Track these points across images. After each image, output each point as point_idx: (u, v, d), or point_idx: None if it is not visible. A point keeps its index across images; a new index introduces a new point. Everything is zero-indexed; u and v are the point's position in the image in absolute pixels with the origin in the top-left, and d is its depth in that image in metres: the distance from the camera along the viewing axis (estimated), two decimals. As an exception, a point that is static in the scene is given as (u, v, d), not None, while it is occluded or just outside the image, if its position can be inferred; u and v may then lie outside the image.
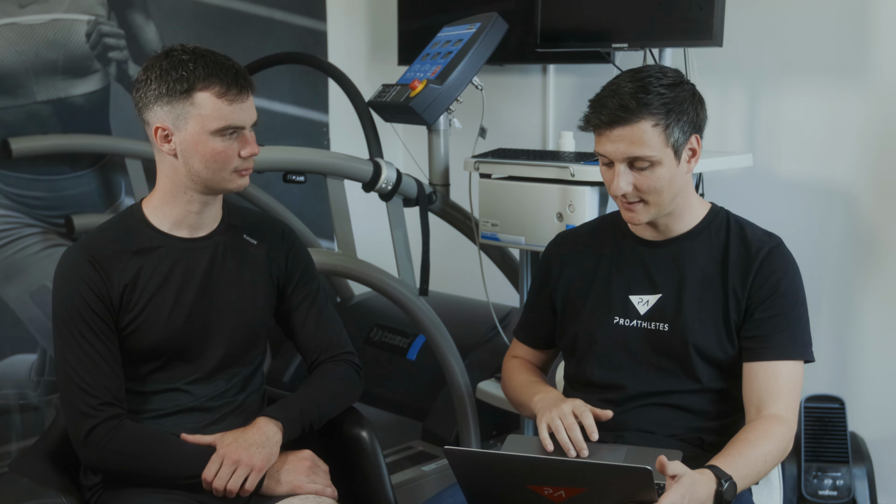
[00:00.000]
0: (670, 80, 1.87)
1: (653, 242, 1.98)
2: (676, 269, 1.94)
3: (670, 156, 1.85)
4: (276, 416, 1.94)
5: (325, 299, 2.10)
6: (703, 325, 1.90)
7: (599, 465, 1.65)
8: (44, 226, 3.22)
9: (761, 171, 3.00)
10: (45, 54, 3.16)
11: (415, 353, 3.32)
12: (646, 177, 1.85)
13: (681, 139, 1.85)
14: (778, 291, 1.88)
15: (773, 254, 1.91)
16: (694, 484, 1.66)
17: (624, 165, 1.86)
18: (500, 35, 2.73)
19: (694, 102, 1.88)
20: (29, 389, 3.21)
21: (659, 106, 1.83)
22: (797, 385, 1.88)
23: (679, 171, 1.88)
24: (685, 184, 1.92)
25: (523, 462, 1.71)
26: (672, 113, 1.83)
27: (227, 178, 1.89)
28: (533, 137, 3.64)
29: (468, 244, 2.98)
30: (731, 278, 1.91)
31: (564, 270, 2.06)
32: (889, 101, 2.78)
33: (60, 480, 1.93)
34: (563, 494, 1.65)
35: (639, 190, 1.87)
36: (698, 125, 1.90)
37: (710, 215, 1.97)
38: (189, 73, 1.83)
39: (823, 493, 2.66)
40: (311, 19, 3.81)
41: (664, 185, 1.86)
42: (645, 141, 1.83)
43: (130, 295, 1.89)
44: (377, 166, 2.72)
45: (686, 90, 1.88)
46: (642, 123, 1.82)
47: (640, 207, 1.89)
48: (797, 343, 1.88)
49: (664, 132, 1.83)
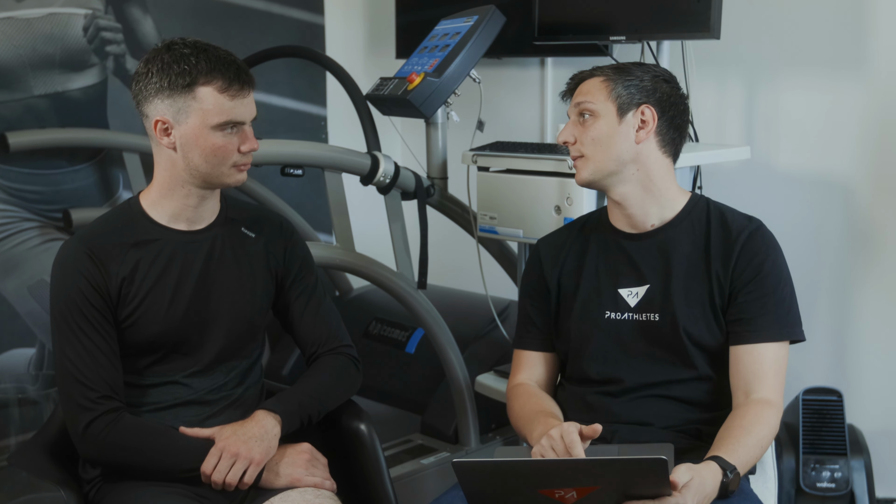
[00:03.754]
0: (649, 68, 1.97)
1: (635, 235, 1.99)
2: (661, 259, 1.96)
3: (611, 110, 1.93)
4: (274, 409, 1.94)
5: (323, 292, 2.10)
6: (691, 311, 1.92)
7: (615, 461, 1.65)
8: (42, 220, 3.22)
9: (759, 163, 3.00)
10: (42, 48, 3.16)
11: (413, 347, 3.33)
12: (587, 127, 1.94)
13: (624, 96, 1.92)
14: (761, 273, 1.90)
15: (754, 236, 1.93)
16: (703, 483, 1.69)
17: (574, 117, 1.98)
18: (498, 28, 2.73)
19: (658, 80, 1.95)
20: (27, 383, 3.21)
21: (617, 69, 1.96)
22: (783, 366, 1.90)
23: (621, 132, 1.93)
24: (642, 158, 1.94)
25: (536, 466, 1.69)
26: (621, 74, 1.94)
27: (225, 173, 1.89)
28: (531, 130, 3.64)
29: (466, 237, 2.98)
30: (713, 263, 1.92)
31: (554, 270, 2.07)
32: (887, 93, 2.78)
33: (59, 474, 1.93)
34: (575, 495, 1.65)
35: (580, 142, 1.95)
36: (656, 99, 1.94)
37: (689, 204, 2.00)
38: (191, 67, 1.83)
39: (821, 485, 2.67)
40: (308, 13, 3.80)
41: (601, 136, 1.93)
42: (590, 91, 1.95)
43: (128, 288, 1.89)
44: (375, 160, 2.72)
45: (660, 75, 1.97)
46: (594, 79, 1.97)
47: (580, 163, 1.97)
48: (783, 324, 1.90)
49: (608, 86, 1.93)
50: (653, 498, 1.64)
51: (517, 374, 2.11)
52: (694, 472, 1.69)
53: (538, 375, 2.10)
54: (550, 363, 2.11)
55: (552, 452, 1.77)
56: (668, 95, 1.95)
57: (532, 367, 2.10)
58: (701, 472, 1.70)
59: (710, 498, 1.72)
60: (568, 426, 1.79)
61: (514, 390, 2.08)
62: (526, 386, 2.08)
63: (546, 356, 2.10)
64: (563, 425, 1.80)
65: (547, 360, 2.10)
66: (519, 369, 2.11)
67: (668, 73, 2.00)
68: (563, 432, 1.77)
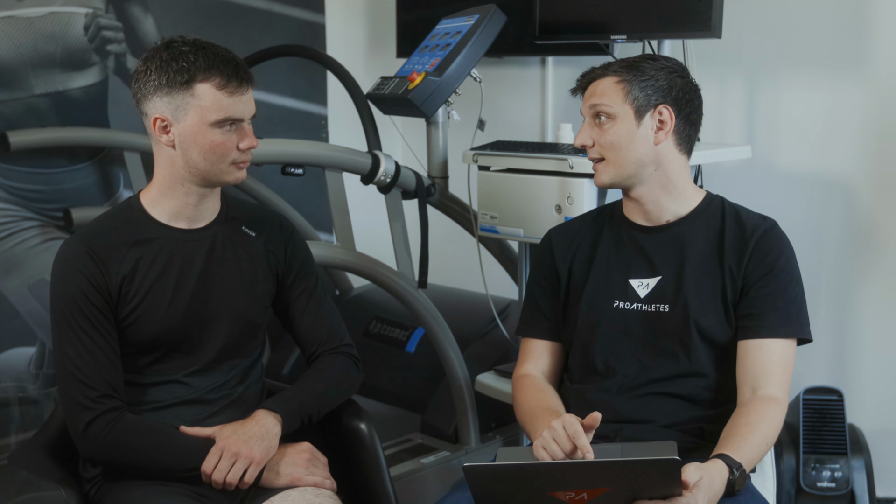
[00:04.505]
0: (664, 63, 1.96)
1: (649, 228, 2.00)
2: (675, 252, 1.96)
3: (629, 114, 1.92)
4: (275, 409, 1.94)
5: (323, 291, 2.10)
6: (702, 304, 1.92)
7: (628, 462, 1.64)
8: (42, 219, 3.22)
9: (760, 162, 3.00)
10: (43, 47, 3.16)
11: (414, 346, 3.33)
12: (604, 130, 1.93)
13: (640, 98, 1.91)
14: (773, 270, 1.91)
15: (769, 234, 1.94)
16: (712, 482, 1.69)
17: (589, 118, 1.96)
18: (499, 27, 2.73)
19: (673, 79, 1.94)
20: (28, 382, 3.21)
21: (630, 69, 1.94)
22: (790, 364, 1.90)
23: (640, 135, 1.92)
24: (660, 158, 1.94)
25: (548, 469, 1.68)
26: (637, 75, 1.93)
27: (224, 171, 1.89)
28: (531, 130, 3.64)
29: (467, 237, 2.97)
30: (727, 259, 1.93)
31: (565, 258, 2.07)
32: (887, 92, 2.78)
33: (60, 473, 1.93)
34: (586, 497, 1.64)
35: (599, 145, 1.94)
36: (673, 98, 1.93)
37: (705, 202, 2.01)
38: (190, 64, 1.83)
39: (822, 484, 2.67)
40: (309, 12, 3.80)
41: (620, 141, 1.92)
42: (606, 93, 1.94)
43: (129, 286, 1.89)
44: (376, 159, 2.72)
45: (674, 71, 1.96)
46: (608, 79, 1.95)
47: (600, 166, 1.97)
48: (792, 321, 1.90)
49: (624, 88, 1.92)
50: (663, 498, 1.64)
51: (524, 363, 2.11)
52: (703, 470, 1.69)
53: (544, 366, 2.10)
54: (557, 354, 2.11)
55: (554, 444, 1.76)
56: (683, 92, 1.95)
57: (539, 357, 2.10)
58: (709, 471, 1.71)
59: (719, 496, 1.72)
60: (570, 417, 1.78)
61: (521, 381, 2.08)
62: (532, 378, 2.07)
63: (553, 346, 2.10)
64: (565, 416, 1.79)
65: (553, 351, 2.10)
66: (526, 358, 2.11)
67: (680, 66, 1.99)
68: (566, 423, 1.76)
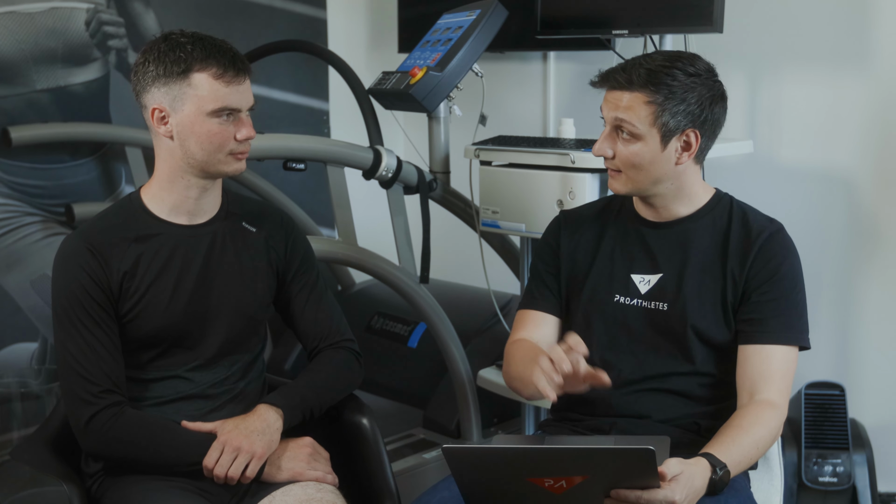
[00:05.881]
0: (694, 70, 1.87)
1: (656, 224, 1.98)
2: (679, 250, 1.95)
3: (655, 137, 1.86)
4: (276, 404, 1.94)
5: (324, 287, 2.10)
6: (701, 305, 1.91)
7: (602, 450, 1.65)
8: (44, 214, 3.22)
9: (762, 157, 2.99)
10: (44, 42, 3.16)
11: (416, 341, 3.33)
12: (626, 147, 1.88)
13: (670, 124, 1.85)
14: (777, 275, 1.89)
15: (774, 238, 1.91)
16: (692, 478, 1.68)
17: (611, 129, 1.90)
18: (500, 22, 2.73)
19: (704, 99, 1.87)
20: (30, 378, 3.21)
21: (660, 86, 1.84)
22: (791, 371, 1.89)
23: (664, 157, 1.87)
24: (679, 174, 1.91)
25: (524, 454, 1.69)
26: (669, 99, 1.84)
27: (223, 161, 1.89)
28: (533, 125, 3.63)
29: (469, 232, 2.97)
30: (730, 261, 1.91)
31: (570, 243, 2.05)
32: (890, 87, 2.78)
33: (61, 468, 1.93)
34: (564, 484, 1.65)
35: (619, 159, 1.90)
36: (701, 122, 1.87)
37: (713, 200, 1.98)
38: (187, 54, 1.83)
39: (824, 479, 2.67)
40: (310, 7, 3.80)
41: (643, 163, 1.88)
42: (633, 109, 1.86)
43: (130, 282, 1.89)
44: (377, 154, 2.72)
45: (703, 85, 1.87)
46: (637, 95, 1.85)
47: (619, 177, 1.93)
48: (793, 328, 1.89)
49: (654, 111, 1.85)
50: (641, 489, 1.63)
51: (518, 332, 2.04)
52: (684, 465, 1.69)
53: (540, 336, 2.02)
54: (555, 329, 2.04)
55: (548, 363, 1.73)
56: (712, 112, 1.89)
57: (537, 326, 2.03)
58: (691, 468, 1.69)
59: (700, 494, 1.70)
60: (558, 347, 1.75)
61: (513, 345, 2.01)
62: (526, 341, 2.00)
63: (555, 321, 2.04)
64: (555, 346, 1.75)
65: (555, 325, 2.04)
66: (522, 327, 2.04)
67: (710, 72, 1.91)
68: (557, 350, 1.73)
